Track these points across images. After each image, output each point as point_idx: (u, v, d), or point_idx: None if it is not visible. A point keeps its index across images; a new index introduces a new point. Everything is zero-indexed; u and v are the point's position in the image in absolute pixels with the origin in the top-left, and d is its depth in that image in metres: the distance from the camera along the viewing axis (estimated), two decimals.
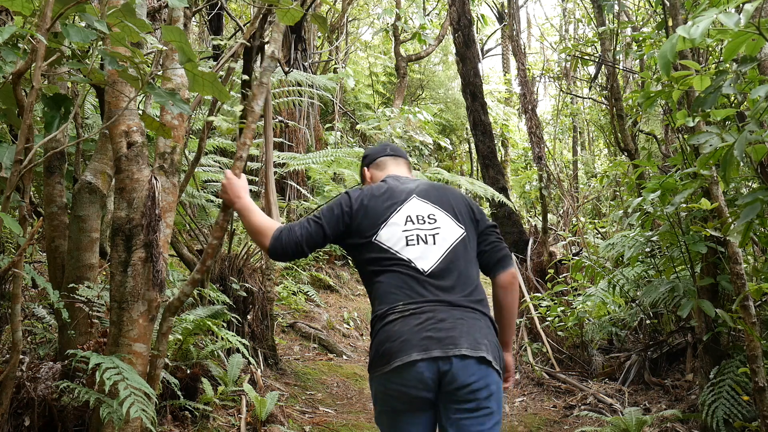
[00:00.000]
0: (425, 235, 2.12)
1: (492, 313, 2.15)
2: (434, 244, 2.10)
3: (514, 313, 2.23)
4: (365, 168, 2.47)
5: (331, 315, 7.47)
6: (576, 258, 5.72)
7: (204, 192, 5.71)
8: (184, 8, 2.71)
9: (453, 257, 2.10)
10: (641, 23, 7.30)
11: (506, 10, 9.67)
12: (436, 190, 2.27)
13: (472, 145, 13.79)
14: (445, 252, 2.10)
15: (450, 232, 2.14)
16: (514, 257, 6.72)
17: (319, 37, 12.66)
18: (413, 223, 2.14)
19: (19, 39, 2.06)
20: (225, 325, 4.31)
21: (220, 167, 6.07)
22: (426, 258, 2.07)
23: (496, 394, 1.96)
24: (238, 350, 3.99)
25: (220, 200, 2.56)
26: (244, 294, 4.86)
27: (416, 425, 1.98)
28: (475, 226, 2.23)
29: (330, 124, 12.01)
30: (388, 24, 13.42)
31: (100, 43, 2.22)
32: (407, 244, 2.09)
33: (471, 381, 1.90)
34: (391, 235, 2.11)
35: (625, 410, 3.98)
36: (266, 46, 2.63)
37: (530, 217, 12.85)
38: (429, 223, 2.15)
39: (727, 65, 2.94)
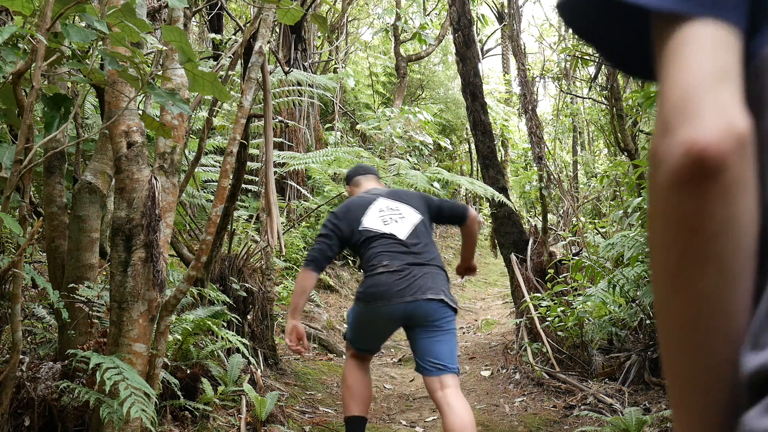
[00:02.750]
0: (395, 216, 3.01)
1: (445, 268, 3.05)
2: (402, 222, 3.00)
3: (474, 241, 3.31)
4: (347, 185, 3.45)
5: (331, 315, 7.47)
6: (576, 258, 5.71)
7: (204, 192, 5.70)
8: (184, 8, 2.71)
9: (417, 232, 2.98)
10: None
11: (506, 10, 9.67)
12: (396, 192, 3.25)
13: (472, 145, 13.78)
14: (412, 228, 2.98)
15: (411, 215, 3.05)
16: (514, 257, 6.74)
17: (319, 37, 12.65)
18: (383, 212, 3.03)
19: (19, 39, 2.06)
20: (225, 325, 4.30)
21: (220, 167, 6.06)
22: (400, 231, 2.95)
23: (450, 321, 2.88)
24: (238, 350, 3.99)
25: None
26: (244, 294, 4.85)
27: (382, 330, 3.05)
28: (430, 212, 3.12)
29: (330, 124, 12.02)
30: (388, 24, 13.42)
31: (100, 43, 2.22)
32: (384, 224, 2.98)
33: (433, 314, 2.82)
34: (371, 220, 3.01)
35: (625, 410, 3.97)
36: (255, 42, 2.65)
37: (530, 217, 12.84)
38: (395, 211, 3.04)
39: None
